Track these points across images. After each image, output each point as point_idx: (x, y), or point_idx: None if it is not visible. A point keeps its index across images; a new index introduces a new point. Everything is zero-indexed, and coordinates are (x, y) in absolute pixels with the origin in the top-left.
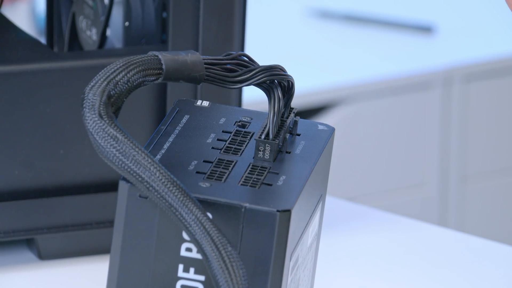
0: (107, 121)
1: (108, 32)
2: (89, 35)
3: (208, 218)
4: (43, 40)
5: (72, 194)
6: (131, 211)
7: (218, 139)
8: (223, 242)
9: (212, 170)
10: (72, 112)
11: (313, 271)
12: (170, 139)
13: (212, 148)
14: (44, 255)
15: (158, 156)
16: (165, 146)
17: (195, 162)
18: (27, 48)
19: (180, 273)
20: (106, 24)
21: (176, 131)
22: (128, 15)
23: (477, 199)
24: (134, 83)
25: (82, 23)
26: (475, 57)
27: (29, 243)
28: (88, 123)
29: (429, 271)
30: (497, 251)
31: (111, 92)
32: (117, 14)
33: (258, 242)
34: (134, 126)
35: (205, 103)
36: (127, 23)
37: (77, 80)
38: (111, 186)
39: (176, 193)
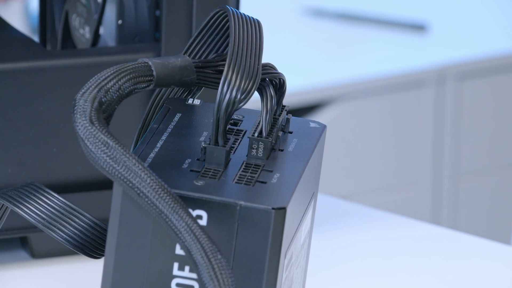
0: (98, 127)
1: (101, 30)
2: (82, 33)
3: (199, 225)
4: (36, 38)
5: (65, 193)
6: (126, 210)
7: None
8: (213, 250)
9: (206, 168)
10: (65, 111)
11: (305, 268)
12: (163, 138)
13: None
14: (37, 254)
15: (152, 155)
16: (159, 145)
17: (189, 160)
18: (20, 46)
19: (175, 271)
20: (99, 22)
21: (169, 130)
22: (121, 13)
23: (470, 197)
24: (125, 91)
25: (75, 21)
26: (468, 55)
27: (22, 242)
28: (79, 129)
29: (422, 269)
30: (489, 249)
31: (102, 99)
32: (110, 12)
33: (254, 240)
34: (126, 125)
35: (196, 101)
36: (120, 21)
37: (70, 78)
38: (105, 184)
39: (166, 200)
